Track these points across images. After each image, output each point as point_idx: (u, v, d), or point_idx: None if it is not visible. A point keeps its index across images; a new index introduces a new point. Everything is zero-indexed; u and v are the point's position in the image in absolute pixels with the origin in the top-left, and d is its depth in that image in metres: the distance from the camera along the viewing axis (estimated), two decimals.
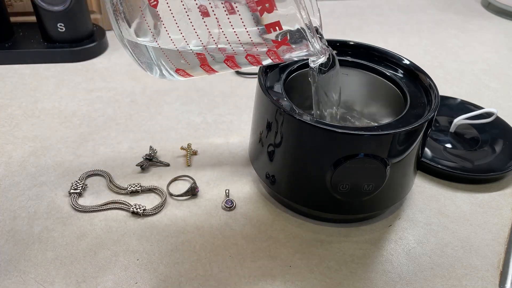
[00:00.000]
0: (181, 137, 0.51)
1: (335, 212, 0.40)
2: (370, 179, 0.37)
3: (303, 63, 0.43)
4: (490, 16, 0.83)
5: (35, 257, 0.37)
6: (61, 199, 0.42)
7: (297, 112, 0.36)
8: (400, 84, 0.42)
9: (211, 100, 0.57)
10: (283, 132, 0.37)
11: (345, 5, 0.84)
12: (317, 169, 0.37)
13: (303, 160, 0.37)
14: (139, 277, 0.36)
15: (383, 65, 0.44)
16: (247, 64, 0.35)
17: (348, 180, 0.36)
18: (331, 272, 0.37)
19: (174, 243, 0.39)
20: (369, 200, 0.38)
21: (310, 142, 0.36)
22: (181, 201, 0.43)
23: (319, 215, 0.41)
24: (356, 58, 0.45)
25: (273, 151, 0.39)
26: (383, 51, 0.45)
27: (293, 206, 0.42)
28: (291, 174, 0.39)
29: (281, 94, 0.39)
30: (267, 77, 0.41)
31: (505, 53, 0.72)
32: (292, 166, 0.39)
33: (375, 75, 0.44)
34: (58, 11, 0.60)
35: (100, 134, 0.51)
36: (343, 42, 0.46)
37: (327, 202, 0.39)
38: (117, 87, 0.59)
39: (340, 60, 0.44)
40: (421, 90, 0.41)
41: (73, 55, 0.63)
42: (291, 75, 0.42)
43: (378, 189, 0.37)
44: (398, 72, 0.44)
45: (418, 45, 0.73)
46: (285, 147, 0.38)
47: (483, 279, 0.37)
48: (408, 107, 0.39)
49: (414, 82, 0.42)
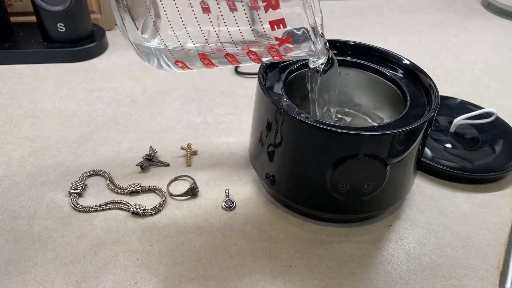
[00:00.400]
0: (181, 137, 0.51)
1: (335, 212, 0.40)
2: (370, 179, 0.37)
3: (303, 63, 0.43)
4: (490, 16, 0.83)
5: (35, 257, 0.37)
6: (61, 199, 0.43)
7: (297, 111, 0.36)
8: (400, 84, 0.42)
9: (211, 100, 0.57)
10: (283, 132, 0.37)
11: (345, 5, 0.84)
12: (317, 169, 0.37)
13: (303, 160, 0.37)
14: (139, 277, 0.36)
15: (383, 65, 0.44)
16: (248, 61, 0.35)
17: (348, 180, 0.36)
18: (331, 272, 0.37)
19: (174, 243, 0.39)
20: (369, 200, 0.38)
21: (310, 142, 0.36)
22: (181, 201, 0.43)
23: (319, 215, 0.41)
24: (356, 58, 0.45)
25: (273, 151, 0.39)
26: (383, 51, 0.45)
27: (293, 206, 0.42)
28: (291, 174, 0.39)
29: (281, 94, 0.39)
30: (267, 77, 0.41)
31: (505, 53, 0.72)
32: (292, 166, 0.39)
33: (375, 75, 0.44)
34: (58, 11, 0.60)
35: (100, 134, 0.51)
36: (343, 42, 0.46)
37: (327, 202, 0.39)
38: (117, 87, 0.59)
39: (340, 60, 0.44)
40: (421, 90, 0.41)
41: (73, 55, 0.63)
42: (291, 75, 0.42)
43: (378, 189, 0.37)
44: (398, 72, 0.44)
45: (418, 45, 0.73)
46: (285, 147, 0.38)
47: (483, 279, 0.37)
48: (408, 107, 0.39)
49: (414, 82, 0.42)
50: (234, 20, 0.31)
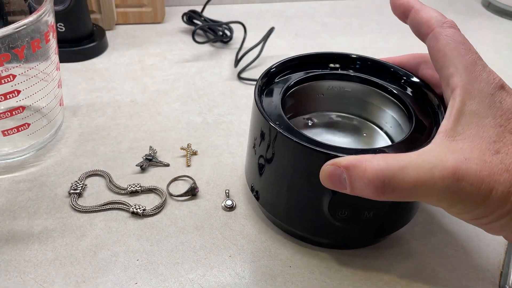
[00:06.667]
0: (181, 137, 0.51)
1: (330, 238, 0.38)
2: (372, 205, 0.33)
3: (306, 77, 0.41)
4: (490, 16, 0.82)
5: (35, 257, 0.37)
6: (61, 199, 0.42)
7: (293, 131, 0.34)
8: (406, 103, 0.39)
9: (211, 100, 0.57)
10: (277, 153, 0.35)
11: (345, 5, 0.84)
12: (313, 193, 0.34)
13: (299, 183, 0.35)
14: (139, 277, 0.36)
15: (388, 81, 0.41)
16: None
17: (347, 206, 0.34)
18: (331, 273, 0.37)
19: (174, 243, 0.39)
20: (370, 227, 0.36)
21: (307, 165, 0.33)
22: (181, 201, 0.43)
23: (312, 238, 0.39)
24: (360, 72, 0.42)
25: (263, 165, 0.37)
26: (389, 66, 0.42)
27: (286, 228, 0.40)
28: (289, 202, 0.37)
29: (280, 112, 0.36)
30: (263, 97, 0.38)
31: (505, 53, 0.72)
32: (288, 191, 0.36)
33: (379, 91, 0.41)
34: (57, 11, 0.60)
35: (100, 134, 0.51)
36: (346, 55, 0.43)
37: (323, 228, 0.36)
38: (117, 87, 0.59)
39: (342, 75, 0.41)
40: (429, 110, 0.38)
41: (72, 55, 0.63)
42: (290, 90, 0.40)
43: (380, 215, 0.35)
44: (405, 89, 0.40)
45: (418, 45, 0.73)
46: (278, 167, 0.36)
47: (483, 279, 0.37)
48: (412, 129, 0.36)
49: (422, 101, 0.39)
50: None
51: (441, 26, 0.34)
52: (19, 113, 0.43)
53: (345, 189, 0.30)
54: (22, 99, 0.42)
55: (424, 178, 0.28)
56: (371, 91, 0.41)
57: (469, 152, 0.28)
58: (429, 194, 0.29)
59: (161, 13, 0.73)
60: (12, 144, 0.45)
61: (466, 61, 0.32)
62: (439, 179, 0.28)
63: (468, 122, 0.30)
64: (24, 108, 0.43)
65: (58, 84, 0.47)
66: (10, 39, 0.38)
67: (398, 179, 0.28)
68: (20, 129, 0.44)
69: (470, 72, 0.31)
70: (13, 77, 0.40)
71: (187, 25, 0.73)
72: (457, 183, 0.28)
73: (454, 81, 0.31)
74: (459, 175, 0.28)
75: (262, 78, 0.39)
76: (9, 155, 0.46)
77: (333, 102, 0.43)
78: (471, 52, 0.32)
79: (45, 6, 0.41)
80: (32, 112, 0.44)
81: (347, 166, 0.29)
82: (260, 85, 0.38)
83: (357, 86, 0.42)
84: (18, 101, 0.42)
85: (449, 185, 0.28)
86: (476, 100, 0.30)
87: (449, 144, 0.29)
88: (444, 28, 0.33)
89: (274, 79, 0.40)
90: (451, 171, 0.28)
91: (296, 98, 0.41)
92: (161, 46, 0.68)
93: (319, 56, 0.42)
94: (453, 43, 0.32)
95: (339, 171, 0.30)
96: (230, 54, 0.67)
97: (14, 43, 0.39)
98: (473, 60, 0.32)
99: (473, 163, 0.28)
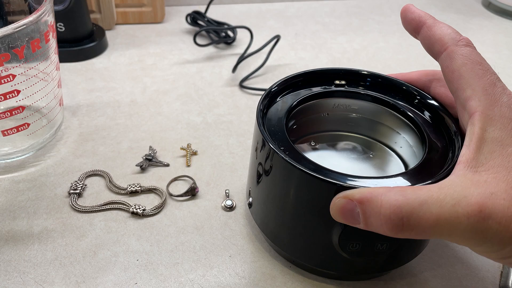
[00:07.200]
0: (181, 137, 0.51)
1: (339, 271, 0.35)
2: (384, 237, 0.30)
3: (310, 95, 0.38)
4: (490, 16, 0.82)
5: (35, 257, 0.37)
6: (60, 199, 0.42)
7: (301, 159, 0.31)
8: (417, 122, 0.36)
9: (211, 100, 0.57)
10: (281, 184, 0.33)
11: (345, 4, 0.84)
12: (322, 226, 0.32)
13: (306, 216, 0.33)
14: (139, 277, 0.36)
15: (405, 101, 0.38)
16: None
17: (359, 239, 0.31)
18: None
19: (174, 243, 0.39)
20: (382, 259, 0.34)
21: (316, 197, 0.31)
22: (181, 201, 0.43)
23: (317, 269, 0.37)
24: (371, 90, 0.39)
25: (272, 201, 0.35)
26: (401, 83, 0.39)
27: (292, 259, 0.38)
28: (297, 236, 0.34)
29: (285, 137, 0.34)
30: (266, 117, 0.36)
31: (505, 53, 0.72)
32: (297, 226, 0.34)
33: (391, 111, 0.38)
34: (57, 11, 0.60)
35: (100, 134, 0.51)
36: (356, 72, 0.40)
37: (332, 260, 0.34)
38: (117, 87, 0.59)
39: (351, 92, 0.39)
40: (442, 131, 0.35)
41: (72, 55, 0.63)
42: (294, 110, 0.37)
43: (394, 247, 0.32)
44: (420, 111, 0.37)
45: (418, 45, 0.73)
46: (284, 201, 0.33)
47: (483, 279, 0.37)
48: (426, 153, 0.33)
49: (435, 120, 0.36)
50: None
51: (456, 44, 0.31)
52: (18, 113, 0.43)
53: (358, 224, 0.28)
54: (21, 99, 0.42)
55: (447, 215, 0.25)
56: (379, 110, 0.39)
57: (494, 185, 0.26)
58: (452, 234, 0.26)
59: (161, 13, 0.73)
60: (12, 144, 0.45)
61: (484, 83, 0.29)
62: (464, 217, 0.25)
63: (491, 150, 0.27)
64: (23, 108, 0.43)
65: (57, 84, 0.47)
66: (10, 39, 0.38)
67: (417, 216, 0.25)
68: (20, 129, 0.44)
69: (489, 95, 0.28)
70: (12, 77, 0.40)
71: (191, 26, 0.72)
72: (484, 222, 0.25)
73: (472, 105, 0.29)
74: (486, 213, 0.25)
75: (263, 101, 0.36)
76: (9, 155, 0.46)
77: (339, 121, 0.41)
78: (489, 73, 0.29)
79: (44, 6, 0.41)
80: (32, 112, 0.44)
81: (361, 200, 0.27)
82: (261, 109, 0.35)
83: (365, 104, 0.40)
84: (18, 101, 0.42)
85: (474, 224, 0.25)
86: (497, 126, 0.27)
87: (472, 177, 0.27)
88: (459, 46, 0.31)
89: (276, 98, 0.38)
90: (477, 209, 0.25)
91: (300, 118, 0.39)
92: (161, 46, 0.68)
93: (323, 73, 0.40)
94: (470, 64, 0.30)
95: (352, 205, 0.27)
96: (231, 54, 0.67)
97: (14, 43, 0.39)
98: (491, 81, 0.29)
99: (500, 198, 0.25)
